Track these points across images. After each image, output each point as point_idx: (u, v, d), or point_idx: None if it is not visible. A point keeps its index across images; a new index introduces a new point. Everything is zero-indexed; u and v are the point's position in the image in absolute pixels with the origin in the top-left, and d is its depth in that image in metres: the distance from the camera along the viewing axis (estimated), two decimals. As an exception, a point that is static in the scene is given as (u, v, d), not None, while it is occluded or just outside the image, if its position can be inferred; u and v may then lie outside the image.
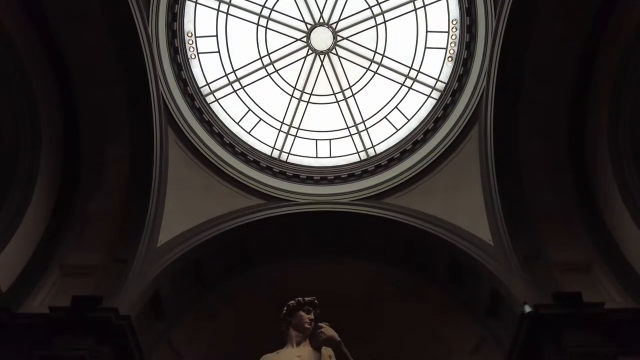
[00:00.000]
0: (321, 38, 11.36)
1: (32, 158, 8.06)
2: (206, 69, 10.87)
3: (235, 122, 11.14)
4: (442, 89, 10.60)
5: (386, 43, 11.25)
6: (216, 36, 10.98)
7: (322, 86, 11.72)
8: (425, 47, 11.01)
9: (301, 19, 11.22)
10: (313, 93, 11.73)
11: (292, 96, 11.68)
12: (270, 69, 11.47)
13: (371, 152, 11.20)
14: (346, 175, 10.58)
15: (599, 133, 8.38)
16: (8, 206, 7.71)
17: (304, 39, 11.36)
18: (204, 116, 10.38)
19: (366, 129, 11.54)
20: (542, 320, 6.94)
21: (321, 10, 11.18)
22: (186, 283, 9.01)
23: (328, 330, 4.54)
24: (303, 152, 11.47)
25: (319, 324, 4.67)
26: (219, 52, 11.08)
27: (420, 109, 10.96)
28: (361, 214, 9.53)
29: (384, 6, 11.02)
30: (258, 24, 11.13)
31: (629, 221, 7.76)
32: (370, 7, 11.08)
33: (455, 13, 10.26)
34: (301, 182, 10.43)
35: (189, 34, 10.44)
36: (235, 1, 10.83)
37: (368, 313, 9.88)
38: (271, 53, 11.36)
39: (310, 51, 11.47)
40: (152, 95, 8.73)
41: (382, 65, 11.39)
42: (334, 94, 11.72)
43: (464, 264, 8.80)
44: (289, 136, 11.56)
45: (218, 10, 10.82)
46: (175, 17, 9.79)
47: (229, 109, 11.16)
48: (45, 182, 8.32)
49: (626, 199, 7.87)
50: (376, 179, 10.23)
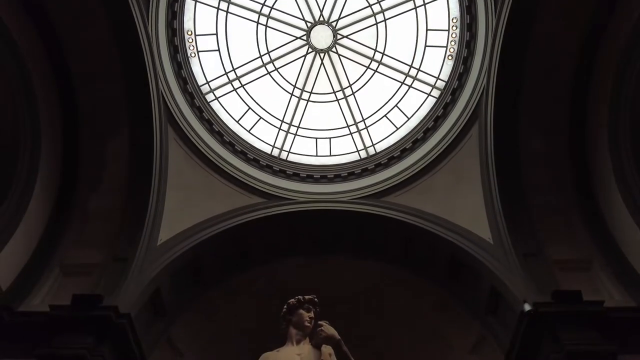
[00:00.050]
0: (321, 36, 11.34)
1: (32, 156, 8.05)
2: (206, 68, 10.86)
3: (235, 121, 11.14)
4: (442, 88, 10.59)
5: (386, 41, 11.24)
6: (216, 34, 10.96)
7: (322, 84, 11.71)
8: (425, 46, 11.00)
9: (301, 17, 11.21)
10: (313, 91, 11.72)
11: (292, 94, 11.67)
12: (270, 68, 11.46)
13: (371, 151, 11.19)
14: (346, 173, 10.58)
15: (599, 132, 8.38)
16: (8, 205, 7.70)
17: (304, 38, 11.34)
18: (204, 114, 10.38)
19: (366, 128, 11.54)
20: (542, 318, 6.94)
21: (321, 8, 11.16)
22: (186, 281, 9.02)
23: (328, 328, 4.55)
24: (303, 151, 11.46)
25: (319, 322, 4.68)
26: (219, 51, 11.06)
27: (420, 108, 10.95)
28: (361, 213, 9.53)
29: (384, 4, 11.00)
30: (258, 22, 11.12)
31: (629, 220, 7.76)
32: (370, 5, 11.06)
33: (455, 11, 10.25)
34: (301, 181, 10.43)
35: (189, 32, 10.42)
36: (235, -1, 10.85)
37: (368, 311, 9.90)
38: (271, 51, 11.35)
39: (310, 49, 11.45)
40: (152, 93, 8.73)
41: (382, 63, 11.38)
42: (334, 93, 11.71)
43: (464, 262, 8.80)
44: (289, 135, 11.56)
45: (218, 8, 10.80)
46: (175, 16, 9.78)
47: (229, 108, 11.16)
48: (45, 181, 8.32)
49: (626, 198, 7.87)
50: (376, 178, 10.23)
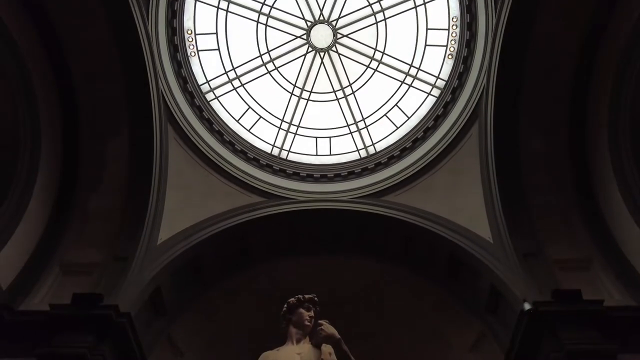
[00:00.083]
0: (321, 35, 11.34)
1: (32, 156, 8.05)
2: (206, 67, 10.85)
3: (235, 120, 11.13)
4: (442, 87, 10.58)
5: (386, 40, 11.24)
6: (216, 34, 10.96)
7: (322, 84, 11.70)
8: (425, 45, 11.00)
9: (301, 17, 11.20)
10: (313, 91, 11.72)
11: (292, 94, 11.67)
12: (270, 67, 11.45)
13: (371, 150, 11.19)
14: (346, 173, 10.57)
15: (599, 132, 8.38)
16: (8, 204, 7.70)
17: (304, 37, 11.34)
18: (204, 114, 10.37)
19: (366, 127, 11.53)
20: (542, 317, 6.95)
21: (321, 7, 11.16)
22: (186, 281, 9.02)
23: (328, 327, 4.55)
24: (303, 150, 11.46)
25: (319, 322, 4.68)
26: (219, 50, 11.06)
27: (420, 107, 10.95)
28: (361, 212, 9.53)
29: (384, 3, 11.00)
30: (258, 22, 11.12)
31: (629, 219, 7.76)
32: (370, 5, 11.06)
33: (455, 10, 10.24)
34: (301, 180, 10.43)
35: (189, 32, 10.42)
36: (235, -2, 10.84)
37: (368, 310, 9.91)
38: (271, 50, 11.35)
39: (310, 49, 11.44)
40: (152, 93, 8.73)
41: (382, 62, 11.37)
42: (334, 92, 11.71)
43: (464, 262, 8.81)
44: (289, 134, 11.55)
45: (218, 7, 10.79)
46: (175, 15, 9.77)
47: (229, 107, 11.15)
48: (45, 180, 8.32)
49: (626, 197, 7.87)
50: (376, 177, 10.23)
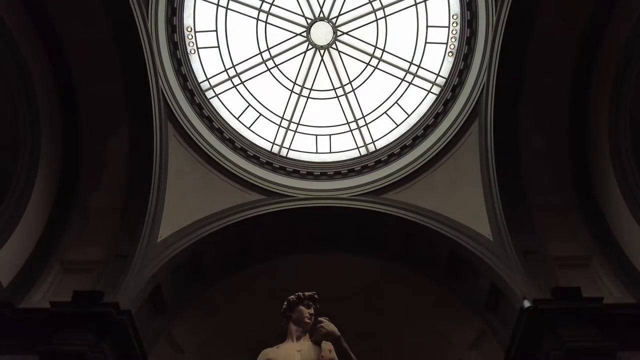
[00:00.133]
0: (321, 33, 11.32)
1: (32, 155, 8.04)
2: (206, 64, 10.84)
3: (235, 118, 11.12)
4: (443, 84, 10.57)
5: (386, 38, 11.22)
6: (216, 31, 10.94)
7: (322, 81, 11.69)
8: (425, 42, 10.97)
9: (301, 14, 11.18)
10: (313, 88, 11.71)
11: (292, 91, 11.66)
12: (270, 64, 11.44)
13: (371, 148, 11.19)
14: (346, 170, 10.57)
15: (600, 129, 8.37)
16: (8, 202, 7.70)
17: (304, 34, 11.32)
18: (204, 111, 10.37)
19: (366, 125, 11.52)
20: (541, 314, 6.96)
21: (321, 4, 11.14)
22: (186, 278, 9.03)
23: (328, 324, 4.55)
24: (303, 148, 11.45)
25: (319, 319, 4.68)
26: (219, 47, 11.04)
27: (420, 104, 10.94)
28: (361, 210, 9.53)
29: (384, 1, 10.97)
30: (258, 19, 11.10)
31: (629, 217, 7.76)
32: (370, 2, 11.03)
33: (455, 8, 10.22)
34: (301, 178, 10.43)
35: (189, 29, 10.40)
36: (234, -4, 10.82)
37: (368, 307, 9.93)
38: (271, 48, 11.33)
39: (310, 46, 11.43)
40: (152, 90, 8.71)
41: (383, 60, 11.36)
42: (334, 89, 11.70)
43: (464, 259, 8.82)
44: (289, 131, 11.55)
45: (218, 4, 10.77)
46: (174, 12, 9.75)
47: (229, 104, 11.15)
48: (45, 179, 8.32)
49: (626, 195, 7.87)
50: (376, 175, 10.22)
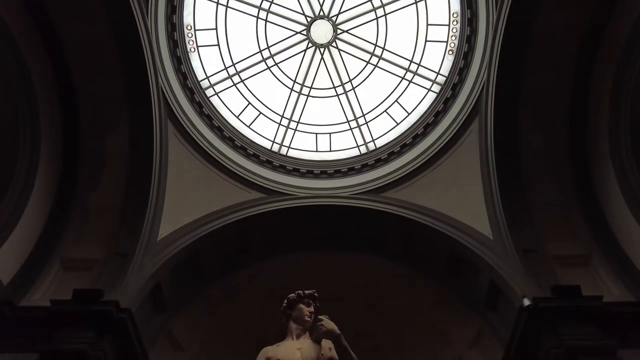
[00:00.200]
0: (321, 31, 11.30)
1: (32, 154, 8.04)
2: (206, 63, 10.83)
3: (235, 116, 11.12)
4: (443, 83, 10.56)
5: (386, 36, 11.21)
6: (216, 29, 10.93)
7: (322, 79, 11.68)
8: (425, 41, 10.96)
9: (301, 12, 11.17)
10: (313, 86, 11.70)
11: (292, 90, 11.65)
12: (270, 63, 11.43)
13: (371, 146, 11.19)
14: (346, 169, 10.57)
15: (600, 129, 8.36)
16: (8, 201, 7.70)
17: (304, 32, 11.31)
18: (204, 110, 10.36)
19: (366, 123, 11.52)
20: (541, 313, 6.96)
21: (321, 3, 11.12)
22: (186, 276, 9.03)
23: (328, 323, 4.56)
24: (303, 146, 11.45)
25: (319, 317, 4.69)
26: (219, 46, 11.03)
27: (420, 103, 10.94)
28: (361, 208, 9.53)
29: (385, -1, 10.98)
30: (258, 17, 11.08)
31: (629, 215, 7.77)
32: (370, 0, 11.02)
33: (455, 6, 10.20)
34: (301, 176, 10.43)
35: (189, 27, 10.38)
36: (234, -6, 10.80)
37: (367, 306, 9.93)
38: (271, 46, 11.32)
39: (310, 44, 11.42)
40: (152, 89, 8.71)
41: (383, 58, 11.35)
42: (334, 88, 11.69)
43: (464, 258, 8.82)
44: (289, 130, 11.54)
45: (217, 3, 10.76)
46: (174, 10, 9.74)
47: (229, 103, 11.14)
48: (45, 176, 8.31)
49: (626, 194, 7.87)
50: (376, 173, 10.22)
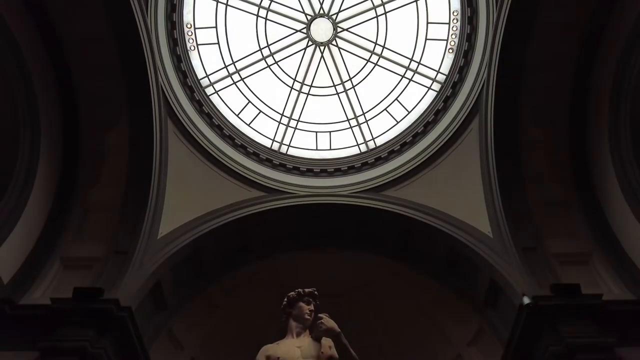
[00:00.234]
0: (321, 29, 11.29)
1: (32, 152, 8.04)
2: (205, 61, 10.81)
3: (235, 114, 11.11)
4: (443, 81, 10.55)
5: (387, 34, 11.19)
6: (215, 27, 10.91)
7: (322, 78, 11.67)
8: (425, 39, 10.95)
9: (301, 10, 11.15)
10: (313, 85, 11.69)
11: (292, 88, 11.64)
12: (270, 61, 11.42)
13: (371, 145, 11.18)
14: (346, 167, 10.58)
15: (600, 126, 8.36)
16: (8, 199, 7.70)
17: (304, 30, 11.30)
18: (204, 108, 10.36)
19: (366, 121, 11.51)
20: (541, 311, 6.97)
21: (321, 1, 11.10)
22: (187, 275, 9.05)
23: (328, 321, 4.57)
24: (303, 145, 11.45)
25: (319, 315, 4.70)
26: (219, 44, 11.02)
27: (420, 101, 10.92)
28: (361, 207, 9.54)
29: (385, -3, 10.96)
30: (258, 15, 11.07)
31: (629, 214, 7.77)
32: (370, -2, 11.02)
33: (456, 4, 10.18)
34: (301, 175, 10.43)
35: (188, 25, 10.37)
36: (234, -8, 10.79)
37: (367, 304, 9.94)
38: (271, 44, 11.31)
39: (310, 42, 11.40)
40: (152, 87, 8.70)
41: (383, 56, 11.33)
42: (334, 86, 11.68)
43: (463, 256, 8.83)
44: (289, 128, 11.54)
45: (217, 1, 10.74)
46: (174, 8, 9.72)
47: (229, 101, 11.13)
48: (45, 175, 8.32)
49: (626, 192, 7.88)
50: (376, 172, 10.22)
